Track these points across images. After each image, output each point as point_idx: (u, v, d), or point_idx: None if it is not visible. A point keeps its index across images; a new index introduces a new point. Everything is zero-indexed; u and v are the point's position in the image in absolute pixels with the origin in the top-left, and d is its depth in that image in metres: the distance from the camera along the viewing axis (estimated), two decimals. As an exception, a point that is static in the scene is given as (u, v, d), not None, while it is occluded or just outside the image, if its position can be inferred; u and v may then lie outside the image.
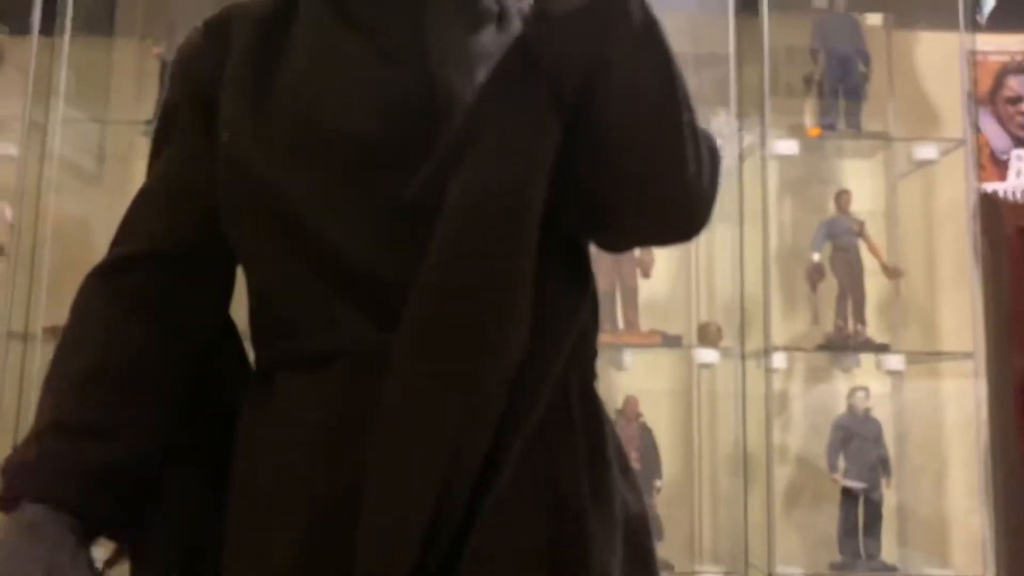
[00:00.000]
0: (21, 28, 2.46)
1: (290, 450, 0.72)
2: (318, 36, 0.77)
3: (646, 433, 2.45)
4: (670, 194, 0.70)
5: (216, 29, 0.80)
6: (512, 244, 0.67)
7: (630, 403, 2.45)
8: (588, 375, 0.78)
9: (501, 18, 0.80)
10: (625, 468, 0.79)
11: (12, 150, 2.43)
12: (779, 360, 2.37)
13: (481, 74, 0.72)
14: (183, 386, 0.78)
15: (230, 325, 0.84)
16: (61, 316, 0.82)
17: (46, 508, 0.70)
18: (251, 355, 0.83)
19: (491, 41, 0.76)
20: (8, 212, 2.46)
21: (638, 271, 2.52)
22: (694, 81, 2.59)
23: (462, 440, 0.66)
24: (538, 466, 0.70)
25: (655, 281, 2.54)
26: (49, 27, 2.45)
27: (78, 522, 0.72)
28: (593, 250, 0.80)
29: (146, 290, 0.78)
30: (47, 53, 2.44)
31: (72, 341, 0.77)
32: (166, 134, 0.82)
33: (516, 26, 0.80)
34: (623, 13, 0.65)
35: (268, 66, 0.75)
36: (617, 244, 0.81)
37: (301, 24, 0.78)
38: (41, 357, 2.31)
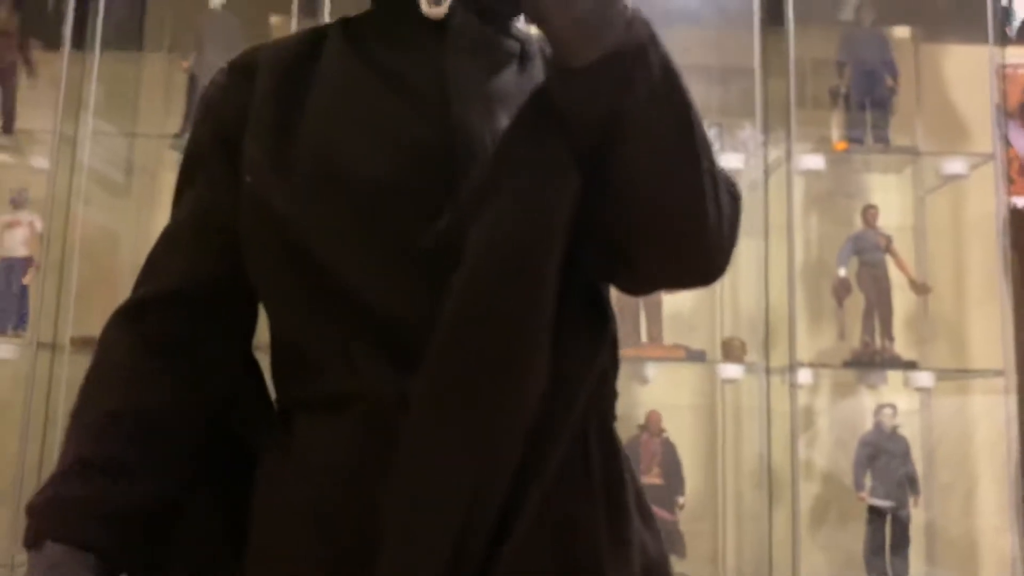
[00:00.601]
0: (53, 43, 2.50)
1: (308, 493, 0.72)
2: (341, 79, 0.77)
3: (669, 448, 2.43)
4: (691, 242, 0.70)
5: (241, 70, 0.81)
6: (530, 296, 0.67)
7: (653, 417, 2.44)
8: (607, 419, 0.78)
9: (523, 58, 0.80)
10: (645, 511, 0.79)
11: (43, 163, 2.47)
12: (804, 376, 2.35)
13: (502, 117, 0.73)
14: (204, 426, 0.79)
15: (252, 363, 0.84)
16: (89, 327, 0.83)
17: (67, 548, 0.71)
18: (273, 394, 0.83)
19: (513, 82, 0.76)
20: (38, 223, 2.49)
21: (662, 285, 2.51)
22: (719, 94, 2.56)
23: (479, 488, 0.66)
24: (556, 514, 0.70)
25: (679, 295, 2.52)
26: (80, 42, 2.48)
27: (99, 562, 0.72)
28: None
29: (168, 331, 0.78)
30: (78, 67, 2.47)
31: (95, 382, 0.78)
32: (191, 174, 0.82)
33: (538, 67, 0.80)
34: (642, 65, 0.65)
35: (291, 109, 0.76)
36: (638, 289, 0.81)
37: (324, 67, 0.78)
38: (69, 367, 2.33)
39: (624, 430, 2.65)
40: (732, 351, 2.44)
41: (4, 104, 2.57)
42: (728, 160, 2.48)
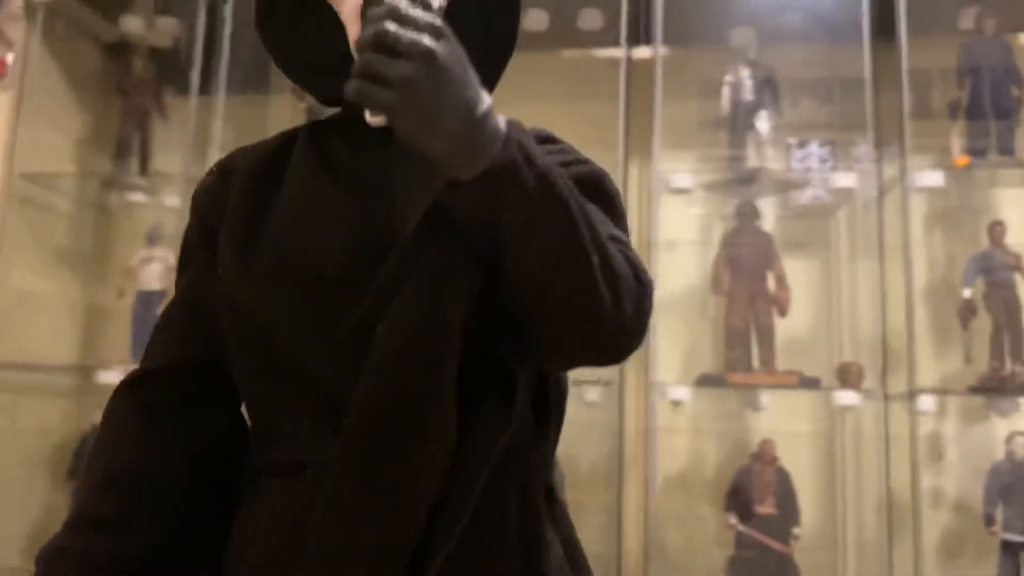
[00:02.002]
0: (184, 89, 2.67)
1: (262, 554, 0.79)
2: (301, 182, 0.85)
3: (783, 477, 2.36)
4: (590, 330, 0.74)
5: (224, 171, 0.90)
6: (428, 380, 0.74)
7: (766, 446, 2.37)
8: (532, 482, 0.80)
9: None
10: (580, 569, 0.83)
11: (175, 201, 2.65)
12: (927, 403, 2.23)
13: None
14: (196, 486, 0.87)
15: (244, 428, 0.91)
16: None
17: None
18: None
19: None
20: (172, 259, 2.66)
21: (773, 309, 2.44)
22: (830, 109, 2.45)
23: (384, 553, 0.72)
24: (466, 573, 0.74)
25: (793, 319, 2.45)
26: (208, 87, 2.65)
27: None
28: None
29: (163, 401, 0.89)
30: (206, 111, 2.64)
31: (99, 444, 0.88)
32: (184, 263, 0.93)
33: None
34: (515, 181, 0.69)
35: (260, 208, 0.85)
36: (554, 367, 0.85)
37: (291, 170, 0.87)
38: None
39: (736, 459, 2.57)
40: (848, 377, 2.34)
41: (141, 148, 2.77)
42: (841, 179, 2.40)
